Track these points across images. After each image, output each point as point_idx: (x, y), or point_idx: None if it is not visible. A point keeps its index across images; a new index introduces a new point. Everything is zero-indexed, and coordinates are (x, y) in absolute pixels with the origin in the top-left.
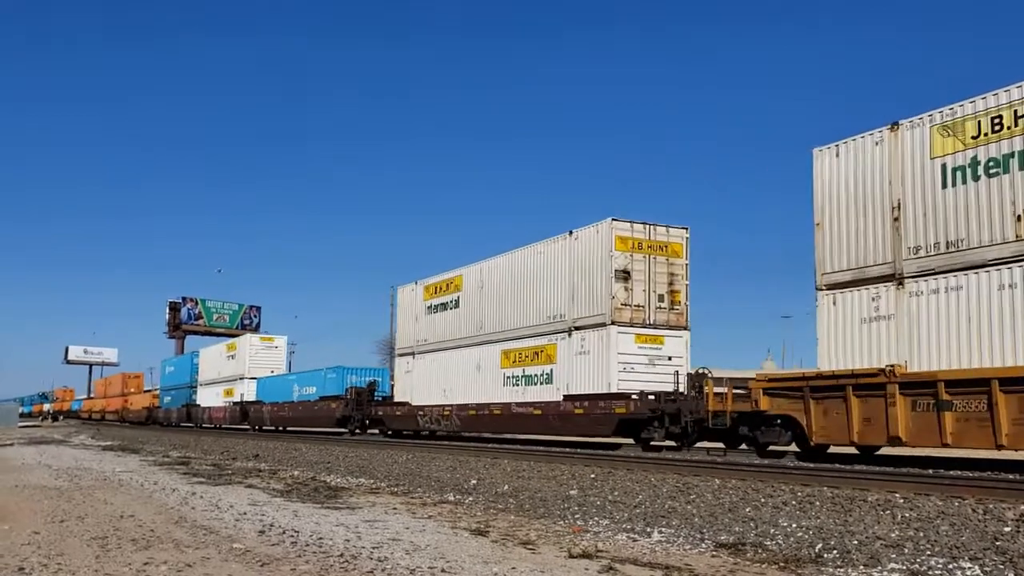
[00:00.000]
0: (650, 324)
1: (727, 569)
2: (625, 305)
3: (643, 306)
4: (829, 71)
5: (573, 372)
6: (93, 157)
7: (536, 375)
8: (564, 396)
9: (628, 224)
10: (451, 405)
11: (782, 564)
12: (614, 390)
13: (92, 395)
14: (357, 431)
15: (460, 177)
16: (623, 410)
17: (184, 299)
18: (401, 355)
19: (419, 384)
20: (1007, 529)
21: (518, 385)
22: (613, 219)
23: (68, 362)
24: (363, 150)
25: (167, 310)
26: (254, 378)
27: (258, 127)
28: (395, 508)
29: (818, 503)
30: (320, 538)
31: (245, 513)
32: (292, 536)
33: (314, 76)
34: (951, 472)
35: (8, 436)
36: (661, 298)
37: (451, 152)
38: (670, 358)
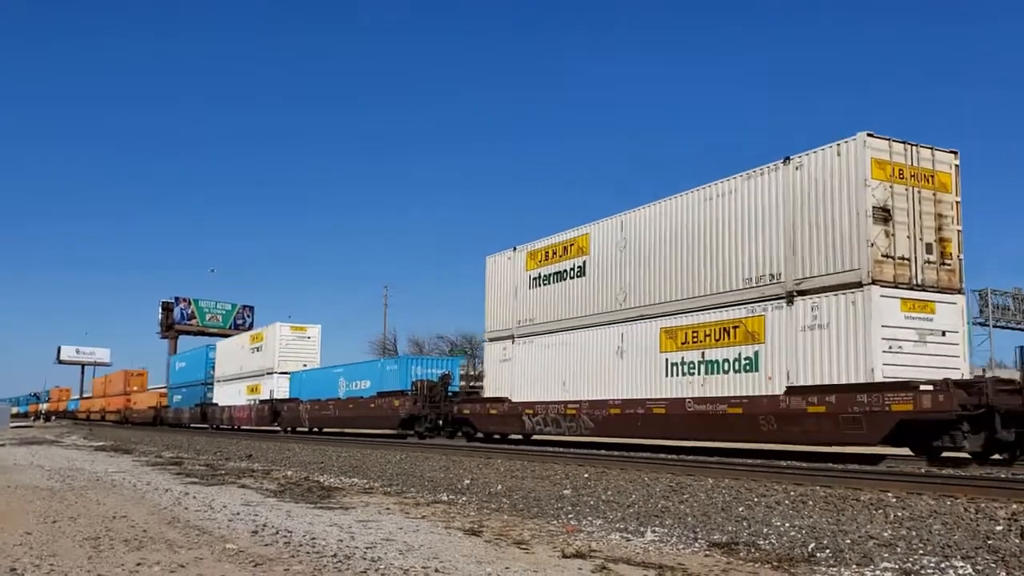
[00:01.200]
0: (918, 285)
1: (720, 568)
2: (887, 257)
3: (908, 259)
4: None
5: (798, 354)
6: (84, 156)
7: (727, 360)
8: (787, 388)
9: (886, 143)
10: (578, 402)
11: (775, 563)
12: (879, 378)
13: (90, 394)
14: (429, 434)
15: (458, 176)
16: (906, 407)
17: (177, 299)
18: (494, 340)
19: (523, 376)
20: (999, 528)
21: (692, 374)
22: (868, 134)
23: (60, 362)
24: (356, 149)
25: (160, 310)
26: (285, 373)
27: (251, 127)
28: (388, 508)
29: (811, 502)
30: (313, 538)
31: (238, 513)
32: (285, 536)
33: (308, 75)
34: (943, 471)
35: (0, 436)
36: (929, 248)
37: (447, 151)
38: (944, 333)
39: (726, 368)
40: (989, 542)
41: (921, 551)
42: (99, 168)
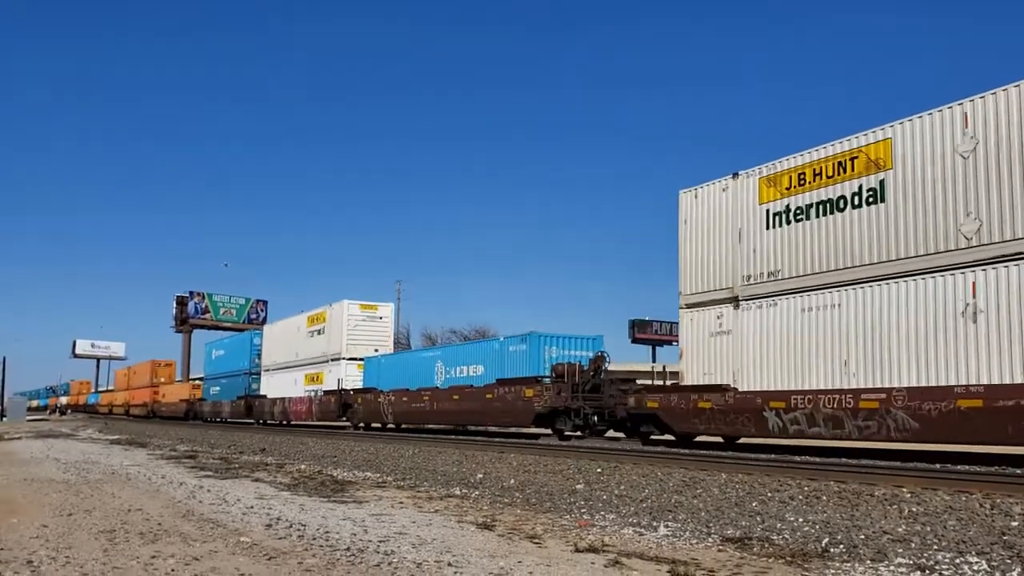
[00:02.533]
0: None
1: (734, 563)
2: None
3: None
4: None
5: None
6: (100, 152)
7: None
8: None
9: None
10: (883, 390)
11: (789, 558)
12: None
13: (111, 387)
14: (581, 432)
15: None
16: None
17: (191, 293)
18: (698, 306)
19: (757, 353)
20: (1014, 524)
21: None
22: None
23: (76, 356)
24: (369, 146)
25: (174, 304)
26: (354, 359)
27: (264, 122)
28: (401, 502)
29: (825, 497)
30: (327, 532)
31: (252, 507)
32: (299, 530)
33: (320, 71)
34: (958, 467)
35: (16, 430)
36: None
37: (454, 149)
38: None
39: None
40: (1004, 538)
41: (936, 547)
42: (114, 163)
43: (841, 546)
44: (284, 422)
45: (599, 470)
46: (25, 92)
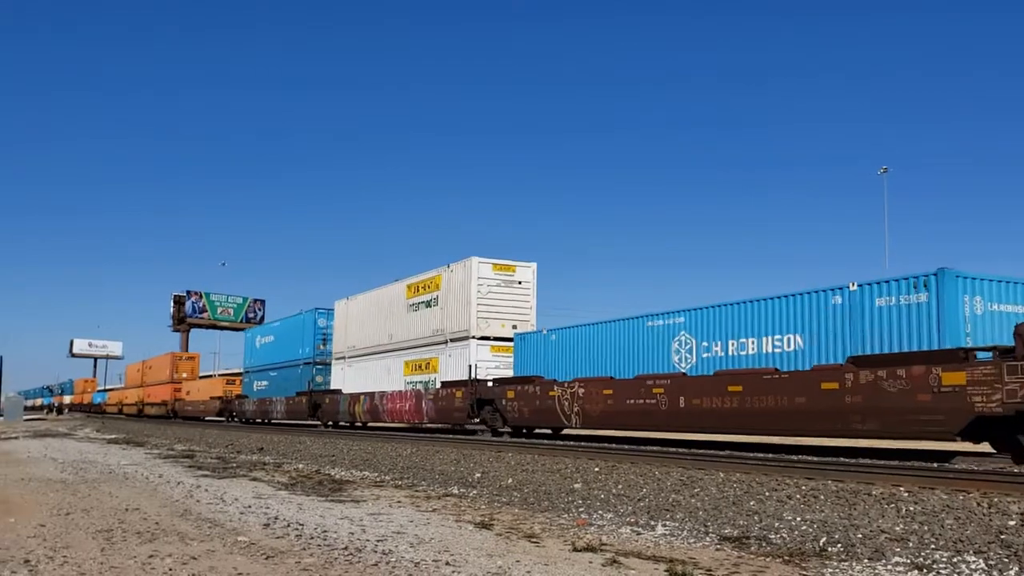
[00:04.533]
0: None
1: (731, 563)
2: None
3: None
4: None
5: None
6: (95, 151)
7: None
8: None
9: None
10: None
11: (786, 558)
12: None
13: (120, 384)
14: None
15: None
16: None
17: (188, 293)
18: None
19: None
20: (1012, 523)
21: None
22: None
23: (73, 355)
24: (367, 143)
25: (171, 303)
26: (486, 338)
27: (261, 121)
28: (399, 501)
29: (822, 497)
30: (325, 531)
31: (250, 506)
32: (297, 529)
33: (316, 70)
34: (956, 466)
35: (13, 429)
36: None
37: (452, 148)
38: None
39: None
40: (1002, 537)
41: (933, 546)
42: (109, 163)
43: (839, 545)
44: (360, 423)
45: (597, 469)
46: (20, 90)
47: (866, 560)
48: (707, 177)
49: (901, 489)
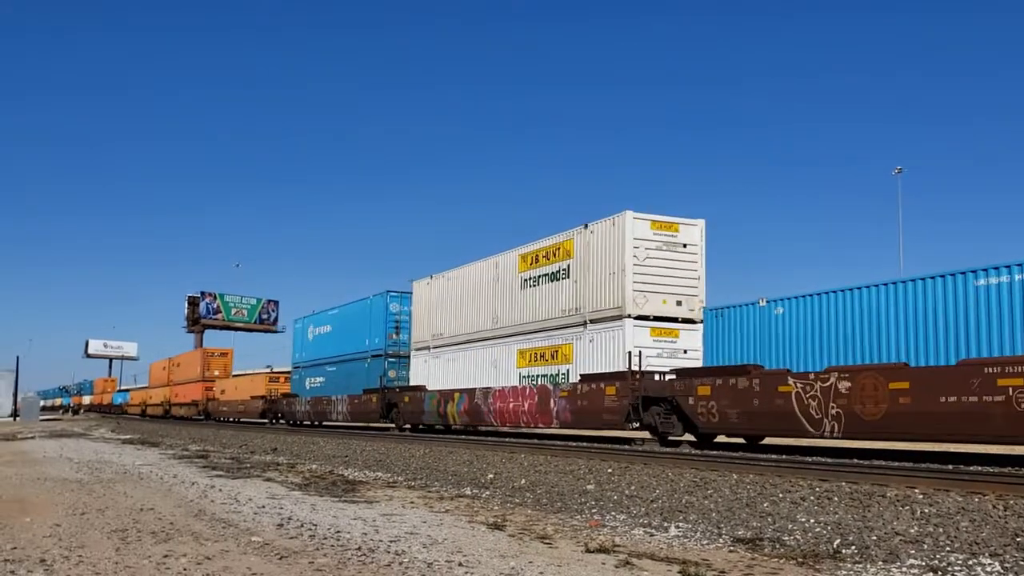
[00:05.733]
0: None
1: (745, 564)
2: None
3: None
4: None
5: None
6: (111, 153)
7: None
8: None
9: None
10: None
11: (800, 560)
12: None
13: (142, 384)
14: None
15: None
16: None
17: (203, 294)
18: None
19: None
20: None
21: None
22: None
23: (89, 356)
24: (379, 143)
25: (186, 305)
26: (644, 318)
27: (277, 121)
28: (412, 502)
29: (836, 498)
30: (338, 531)
31: (264, 506)
32: (310, 529)
33: (332, 68)
34: (971, 468)
35: (29, 429)
36: None
37: (466, 145)
38: None
39: None
40: (1018, 539)
41: (948, 548)
42: (125, 164)
43: (853, 547)
44: (465, 427)
45: (610, 471)
46: (34, 91)
47: (880, 562)
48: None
49: (916, 491)
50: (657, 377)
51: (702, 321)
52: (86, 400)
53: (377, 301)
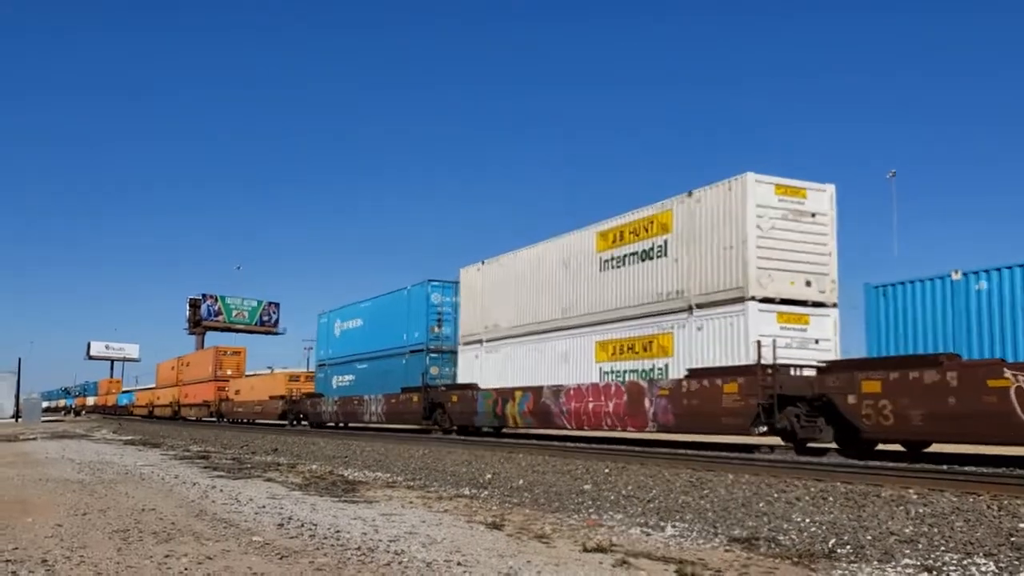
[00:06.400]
0: None
1: (740, 564)
2: None
3: None
4: None
5: None
6: (111, 154)
7: None
8: None
9: None
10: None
11: (795, 559)
12: None
13: (148, 384)
14: None
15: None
16: None
17: (204, 296)
18: None
19: None
20: (1022, 525)
21: None
22: None
23: (90, 358)
24: (379, 143)
25: (187, 307)
26: (775, 301)
27: (279, 123)
28: (411, 502)
29: (831, 498)
30: (338, 531)
31: (264, 506)
32: (310, 529)
33: (332, 68)
34: (966, 468)
35: (31, 431)
36: None
37: (466, 145)
38: None
39: None
40: (1012, 539)
41: (943, 548)
42: (126, 166)
43: (848, 547)
44: (508, 427)
45: (607, 470)
46: (34, 92)
47: (875, 562)
48: None
49: (910, 491)
50: (794, 371)
51: (835, 305)
52: (90, 401)
53: (417, 291)
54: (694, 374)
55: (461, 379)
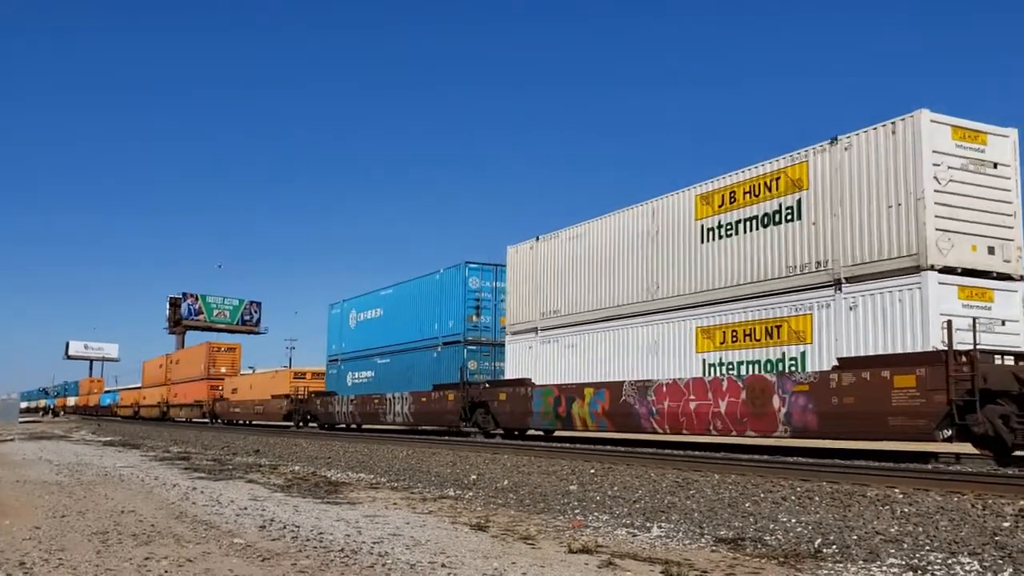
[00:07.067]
0: None
1: (727, 564)
2: None
3: None
4: None
5: None
6: (93, 153)
7: None
8: None
9: None
10: None
11: (782, 559)
12: None
13: (134, 383)
14: None
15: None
16: None
17: (184, 295)
18: None
19: None
20: (1006, 524)
21: None
22: None
23: (69, 357)
24: (363, 144)
25: (167, 306)
26: (956, 271)
27: (259, 121)
28: (395, 503)
29: (817, 498)
30: (321, 533)
31: (246, 508)
32: (293, 531)
33: (313, 70)
34: (951, 468)
35: (8, 432)
36: None
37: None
38: None
39: None
40: (996, 538)
41: (928, 547)
42: (107, 165)
43: (834, 547)
44: (602, 431)
45: (592, 471)
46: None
47: (861, 561)
48: None
49: (896, 491)
50: (999, 360)
51: (1022, 278)
52: (71, 402)
53: (452, 276)
54: (847, 364)
55: (510, 374)
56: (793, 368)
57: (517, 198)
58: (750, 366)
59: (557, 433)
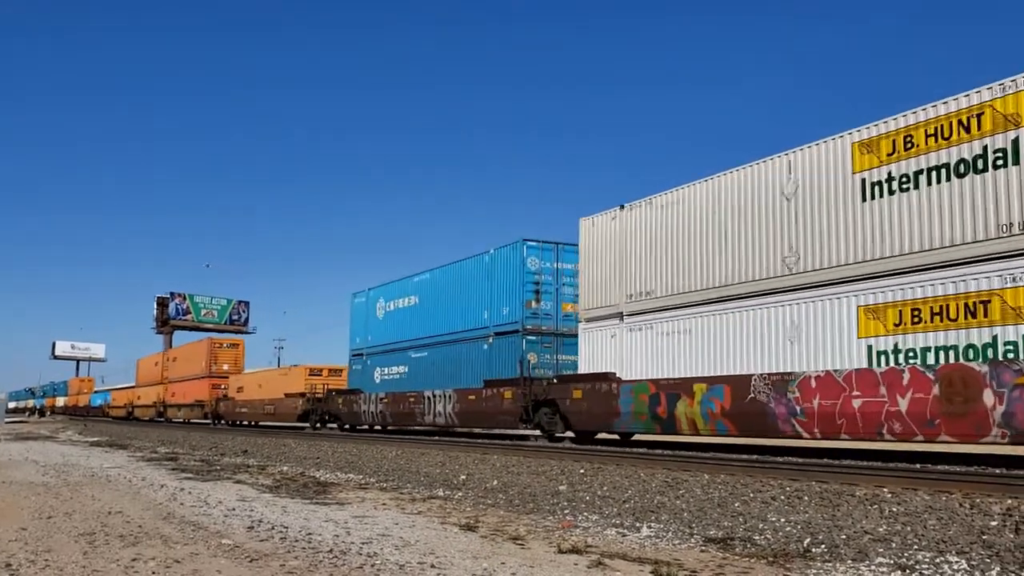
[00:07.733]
0: None
1: (716, 564)
2: None
3: None
4: None
5: None
6: (81, 153)
7: None
8: None
9: None
10: None
11: (771, 559)
12: None
13: (128, 383)
14: None
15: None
16: None
17: (172, 294)
18: None
19: None
20: (994, 523)
21: None
22: None
23: (55, 357)
24: (351, 145)
25: (155, 305)
26: None
27: (248, 121)
28: (384, 504)
29: (806, 498)
30: (309, 534)
31: (234, 509)
32: (281, 532)
33: (313, 70)
34: (939, 467)
35: None
36: None
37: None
38: None
39: None
40: (984, 537)
41: (916, 546)
42: (95, 164)
43: (823, 546)
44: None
45: (582, 471)
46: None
47: (850, 561)
48: None
49: (884, 490)
50: None
51: None
52: (60, 402)
53: (506, 255)
54: None
55: (584, 367)
56: (1011, 355)
57: (518, 198)
58: (942, 353)
59: (652, 438)
